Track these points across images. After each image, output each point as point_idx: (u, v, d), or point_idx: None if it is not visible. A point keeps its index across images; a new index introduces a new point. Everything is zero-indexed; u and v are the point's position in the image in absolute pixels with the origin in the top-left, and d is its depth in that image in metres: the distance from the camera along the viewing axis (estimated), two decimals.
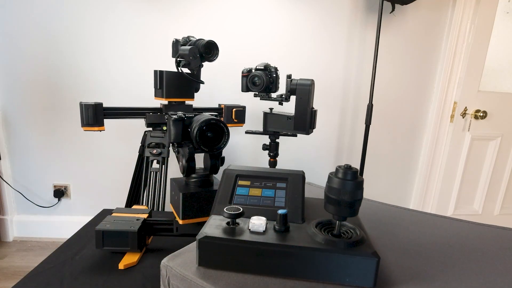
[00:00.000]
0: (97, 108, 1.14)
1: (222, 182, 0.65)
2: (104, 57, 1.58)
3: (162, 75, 1.20)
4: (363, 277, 0.48)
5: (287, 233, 0.53)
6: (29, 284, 0.65)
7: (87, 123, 1.13)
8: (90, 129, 1.14)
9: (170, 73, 1.21)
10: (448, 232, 0.71)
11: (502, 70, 1.90)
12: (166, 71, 1.20)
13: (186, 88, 1.26)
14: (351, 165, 0.47)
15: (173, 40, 1.25)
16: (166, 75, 1.20)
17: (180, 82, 1.23)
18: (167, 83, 1.21)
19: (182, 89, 1.25)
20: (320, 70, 1.74)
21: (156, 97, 1.25)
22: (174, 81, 1.22)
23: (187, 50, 1.14)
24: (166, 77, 1.20)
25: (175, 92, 1.23)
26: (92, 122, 1.13)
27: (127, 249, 0.74)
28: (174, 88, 1.22)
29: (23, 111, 1.60)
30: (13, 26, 1.50)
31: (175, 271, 0.53)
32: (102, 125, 1.17)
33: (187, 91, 1.27)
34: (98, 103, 1.15)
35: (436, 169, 1.95)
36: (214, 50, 1.20)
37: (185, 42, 1.22)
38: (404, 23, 1.75)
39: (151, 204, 1.25)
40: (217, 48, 1.21)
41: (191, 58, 1.15)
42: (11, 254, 1.58)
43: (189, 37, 1.24)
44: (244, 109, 1.44)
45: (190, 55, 1.14)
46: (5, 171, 1.65)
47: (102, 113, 1.16)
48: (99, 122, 1.15)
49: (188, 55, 1.14)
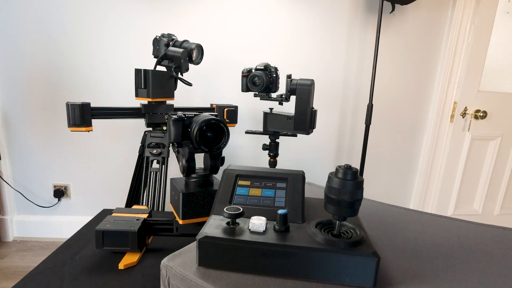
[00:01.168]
0: (84, 108, 1.11)
1: (222, 182, 0.65)
2: (104, 57, 1.58)
3: (147, 75, 1.17)
4: (363, 277, 0.48)
5: (287, 233, 0.52)
6: (29, 284, 0.65)
7: (74, 123, 1.11)
8: (77, 129, 1.12)
9: (156, 73, 1.18)
10: (448, 232, 0.71)
11: (502, 70, 1.90)
12: (151, 70, 1.18)
13: (169, 87, 1.24)
14: (351, 165, 0.47)
15: (155, 37, 1.22)
16: (152, 75, 1.17)
17: (164, 82, 1.21)
18: (153, 83, 1.18)
19: (166, 89, 1.23)
20: (320, 70, 1.74)
21: (138, 97, 1.22)
22: (159, 81, 1.19)
23: (179, 53, 1.13)
24: (152, 77, 1.17)
25: (160, 92, 1.21)
26: (79, 122, 1.11)
27: (127, 249, 0.74)
28: (159, 88, 1.20)
29: (23, 111, 1.60)
30: (13, 26, 1.50)
31: (175, 271, 0.53)
32: (89, 126, 1.14)
33: (170, 90, 1.25)
34: (86, 103, 1.12)
35: (436, 169, 1.95)
36: (201, 54, 1.22)
37: (169, 41, 1.20)
38: (404, 23, 1.75)
39: (151, 204, 1.25)
40: (203, 52, 1.23)
41: (183, 61, 1.14)
42: (11, 254, 1.58)
43: (170, 35, 1.22)
44: (236, 109, 1.43)
45: (183, 58, 1.13)
46: (5, 171, 1.65)
47: (89, 113, 1.14)
48: (86, 123, 1.13)
49: (180, 58, 1.13)
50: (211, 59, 1.64)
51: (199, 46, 1.20)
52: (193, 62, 1.21)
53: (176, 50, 1.14)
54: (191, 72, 1.63)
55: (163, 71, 1.21)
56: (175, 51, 1.14)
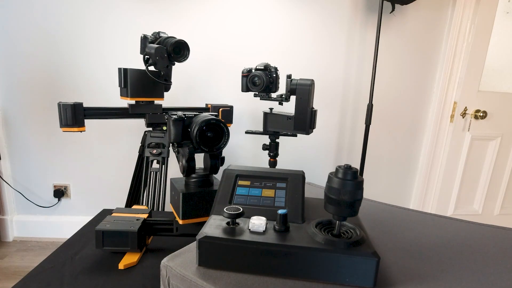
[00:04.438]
0: (76, 108, 1.09)
1: (222, 182, 0.65)
2: (104, 57, 1.58)
3: (126, 73, 1.14)
4: (363, 277, 0.48)
5: (287, 233, 0.52)
6: (29, 284, 0.65)
7: (66, 123, 1.09)
8: (69, 129, 1.10)
9: (135, 71, 1.15)
10: (448, 232, 0.71)
11: (502, 70, 1.90)
12: (130, 69, 1.14)
13: (153, 87, 1.19)
14: (351, 165, 0.47)
15: (141, 36, 1.18)
16: (130, 73, 1.13)
17: (146, 81, 1.16)
18: (132, 82, 1.14)
19: (148, 89, 1.18)
20: (320, 70, 1.74)
21: (122, 97, 1.20)
22: (139, 80, 1.15)
23: (153, 49, 1.08)
24: (130, 76, 1.14)
25: (141, 91, 1.17)
26: (71, 122, 1.09)
27: (127, 249, 0.74)
28: (139, 87, 1.16)
29: (23, 111, 1.60)
30: (13, 26, 1.50)
31: (175, 271, 0.53)
32: (82, 126, 1.12)
33: (154, 90, 1.20)
34: (78, 103, 1.10)
35: (436, 169, 1.95)
36: (184, 50, 1.13)
37: (154, 39, 1.14)
38: (404, 23, 1.75)
39: (151, 204, 1.25)
40: (188, 48, 1.14)
41: (158, 58, 1.08)
42: (11, 254, 1.58)
43: (159, 33, 1.16)
44: (231, 109, 1.41)
45: (157, 55, 1.08)
46: (5, 171, 1.65)
47: (82, 113, 1.11)
48: (78, 123, 1.11)
49: (154, 55, 1.08)
50: (212, 59, 1.64)
51: (180, 42, 1.12)
52: (176, 60, 1.14)
53: (152, 46, 1.09)
54: (191, 72, 1.64)
55: (142, 70, 1.16)
56: (150, 48, 1.09)
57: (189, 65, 1.63)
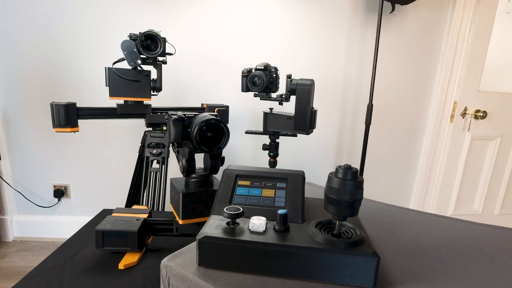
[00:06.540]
0: (70, 109, 1.08)
1: (222, 182, 0.65)
2: (104, 57, 1.58)
3: (106, 73, 1.12)
4: (363, 277, 0.48)
5: (287, 233, 0.52)
6: (29, 284, 0.65)
7: (58, 124, 1.07)
8: (62, 130, 1.08)
9: (112, 70, 1.12)
10: (448, 232, 0.71)
11: (502, 70, 1.90)
12: (109, 67, 1.12)
13: (136, 87, 1.16)
14: (351, 165, 0.47)
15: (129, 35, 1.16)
16: (110, 72, 1.10)
17: (124, 81, 1.14)
18: (111, 81, 1.12)
19: (131, 88, 1.15)
20: (320, 70, 1.74)
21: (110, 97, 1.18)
22: (117, 79, 1.12)
23: (121, 44, 1.05)
24: (109, 75, 1.11)
25: (120, 90, 1.14)
26: (64, 123, 1.07)
27: (127, 249, 0.74)
28: (119, 86, 1.14)
29: (23, 111, 1.60)
30: (13, 26, 1.50)
31: (175, 271, 0.53)
32: (75, 126, 1.11)
33: (138, 90, 1.16)
34: (71, 103, 1.09)
35: (436, 169, 1.95)
36: (157, 42, 1.08)
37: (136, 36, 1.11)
38: (404, 23, 1.75)
39: (151, 204, 1.25)
40: (160, 40, 1.08)
41: (125, 53, 1.04)
42: (11, 254, 1.58)
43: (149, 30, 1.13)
44: (227, 109, 1.40)
45: (124, 49, 1.04)
46: (5, 171, 1.65)
47: (75, 113, 1.10)
48: (72, 123, 1.09)
49: (122, 50, 1.04)
50: (212, 59, 1.64)
51: (148, 34, 1.06)
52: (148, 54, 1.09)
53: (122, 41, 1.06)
54: (191, 72, 1.64)
55: (120, 69, 1.13)
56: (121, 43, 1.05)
57: (189, 65, 1.63)
